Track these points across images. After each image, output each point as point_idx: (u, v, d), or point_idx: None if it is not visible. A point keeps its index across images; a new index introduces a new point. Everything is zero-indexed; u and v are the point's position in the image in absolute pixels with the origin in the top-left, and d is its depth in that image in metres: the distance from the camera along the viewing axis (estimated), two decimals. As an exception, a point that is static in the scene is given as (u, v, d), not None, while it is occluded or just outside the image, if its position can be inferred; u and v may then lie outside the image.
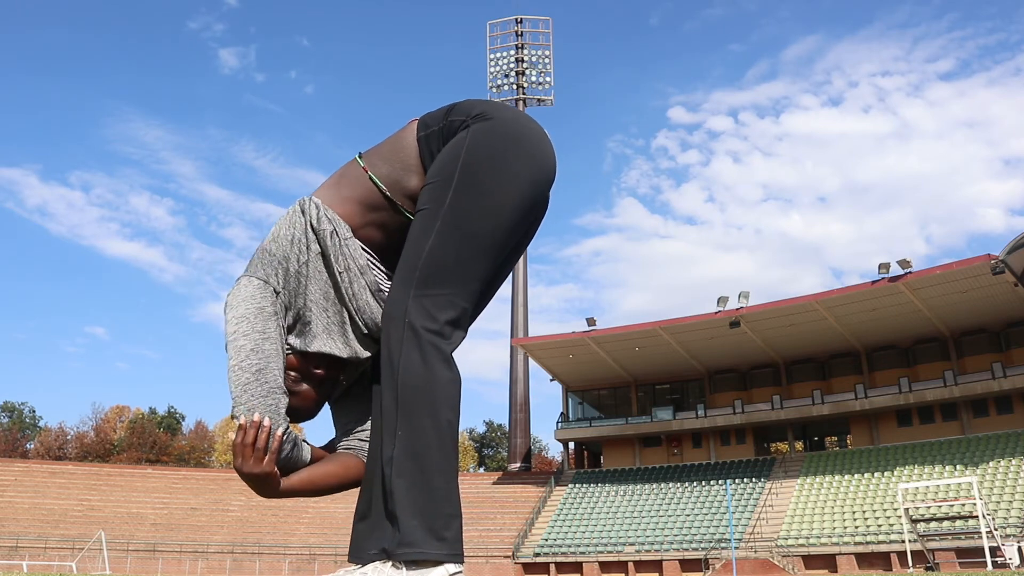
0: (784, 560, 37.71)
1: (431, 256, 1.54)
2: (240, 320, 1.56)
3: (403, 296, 1.53)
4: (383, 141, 1.75)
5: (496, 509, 48.77)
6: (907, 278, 40.16)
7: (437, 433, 1.48)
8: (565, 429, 53.82)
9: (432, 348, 1.49)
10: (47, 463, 58.06)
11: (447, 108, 1.69)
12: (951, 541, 34.38)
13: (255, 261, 1.64)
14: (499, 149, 1.60)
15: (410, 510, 1.44)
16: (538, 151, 1.65)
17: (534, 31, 67.12)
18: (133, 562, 44.39)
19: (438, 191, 1.57)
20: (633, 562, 42.00)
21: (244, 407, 1.53)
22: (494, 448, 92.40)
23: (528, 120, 1.69)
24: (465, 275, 1.55)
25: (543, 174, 1.66)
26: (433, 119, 1.69)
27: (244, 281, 1.61)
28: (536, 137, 1.66)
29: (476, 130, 1.61)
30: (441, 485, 1.46)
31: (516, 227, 1.62)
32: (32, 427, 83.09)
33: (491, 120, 1.62)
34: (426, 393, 1.48)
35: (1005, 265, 37.97)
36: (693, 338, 47.78)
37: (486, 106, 1.65)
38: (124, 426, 77.94)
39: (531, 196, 1.63)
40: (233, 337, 1.55)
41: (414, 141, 1.69)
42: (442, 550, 1.44)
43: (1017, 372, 40.93)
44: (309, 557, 45.38)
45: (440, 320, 1.51)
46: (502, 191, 1.58)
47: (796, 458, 47.15)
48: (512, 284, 60.78)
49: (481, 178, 1.57)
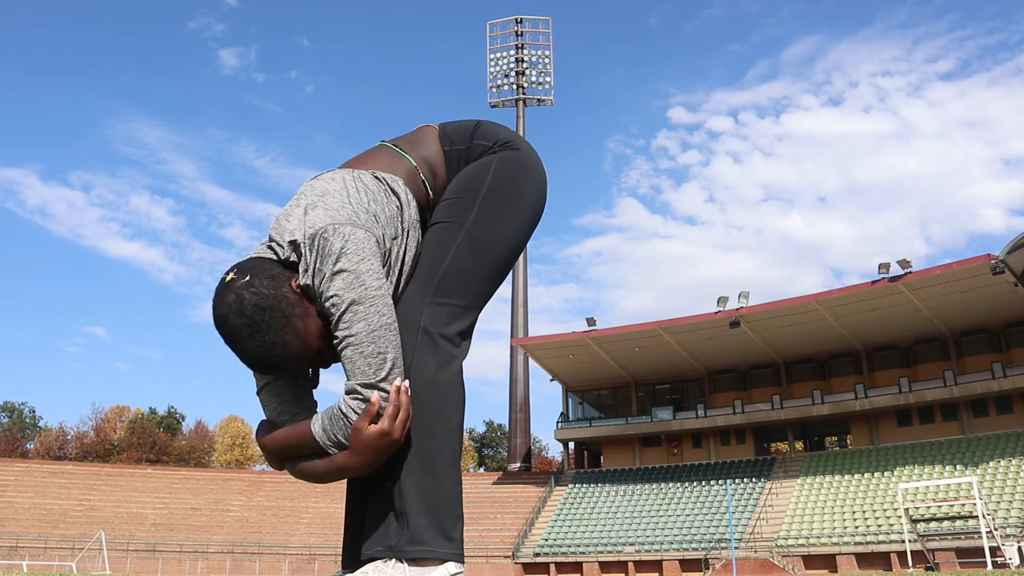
0: (784, 560, 37.72)
1: (452, 266, 1.60)
2: (381, 276, 1.49)
3: (420, 301, 1.57)
4: (407, 140, 1.79)
5: (496, 509, 48.77)
6: (907, 278, 40.17)
7: (447, 436, 1.52)
8: (565, 429, 53.83)
9: (444, 353, 1.54)
10: (47, 463, 58.05)
11: (472, 128, 1.80)
12: (951, 541, 34.39)
13: (353, 217, 1.54)
14: (519, 177, 1.74)
15: (420, 509, 1.46)
16: (542, 179, 1.82)
17: (534, 31, 67.16)
18: (133, 562, 44.40)
19: (463, 207, 1.67)
20: (633, 562, 42.01)
21: (399, 370, 1.47)
22: (494, 448, 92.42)
23: (535, 151, 1.84)
24: (478, 290, 1.64)
25: (542, 203, 1.82)
26: (459, 136, 1.78)
27: (363, 235, 1.50)
28: (541, 167, 1.83)
29: (504, 157, 1.74)
30: (449, 487, 1.50)
31: (521, 248, 1.76)
32: (32, 427, 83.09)
33: (518, 151, 1.77)
34: (437, 397, 1.52)
35: (1005, 265, 37.98)
36: (693, 338, 47.79)
37: (512, 136, 1.80)
38: (124, 426, 77.92)
39: (535, 220, 1.79)
40: (380, 292, 1.46)
41: (441, 152, 1.77)
42: (449, 549, 1.47)
43: (1017, 372, 40.94)
44: (309, 557, 45.38)
45: (452, 328, 1.57)
46: (517, 215, 1.72)
47: (796, 458, 47.16)
48: (512, 284, 60.80)
49: (503, 201, 1.69)
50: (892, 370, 45.91)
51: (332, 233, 1.47)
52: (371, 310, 1.44)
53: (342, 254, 1.45)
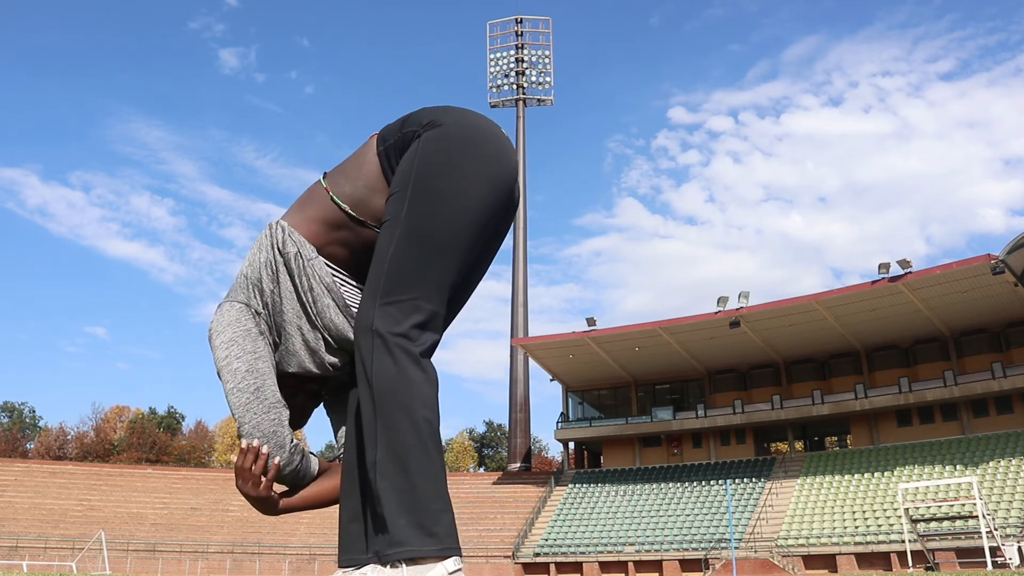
0: (784, 560, 37.72)
1: (393, 264, 1.56)
2: (230, 344, 1.61)
3: (370, 306, 1.56)
4: (347, 158, 1.78)
5: (496, 509, 48.76)
6: (907, 278, 40.17)
7: (415, 432, 1.48)
8: (565, 429, 53.82)
9: (400, 351, 1.51)
10: (47, 463, 58.05)
11: (402, 120, 1.72)
12: (951, 541, 34.39)
13: (235, 287, 1.69)
14: (451, 154, 1.61)
15: (396, 510, 1.45)
16: (493, 150, 1.65)
17: (534, 31, 67.18)
18: (133, 562, 44.39)
19: (397, 202, 1.61)
20: (633, 562, 42.00)
21: (248, 426, 1.59)
22: (494, 448, 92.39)
23: (482, 121, 1.69)
24: (428, 279, 1.57)
25: (501, 172, 1.65)
26: (390, 132, 1.71)
27: (226, 307, 1.65)
28: (490, 136, 1.67)
29: (427, 138, 1.63)
30: (425, 482, 1.46)
31: (480, 228, 1.63)
32: (32, 427, 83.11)
33: (441, 127, 1.64)
34: (400, 395, 1.49)
35: (1005, 265, 37.98)
36: (693, 338, 47.78)
37: (436, 113, 1.67)
38: (124, 426, 77.94)
39: (491, 195, 1.63)
40: (226, 361, 1.59)
41: (375, 156, 1.72)
42: (433, 546, 1.44)
43: (1017, 372, 40.94)
44: (309, 557, 45.37)
45: (405, 324, 1.53)
46: (458, 194, 1.60)
47: (796, 458, 47.15)
48: (512, 284, 60.83)
49: (436, 184, 1.59)
50: (892, 370, 45.91)
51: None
52: (224, 379, 1.60)
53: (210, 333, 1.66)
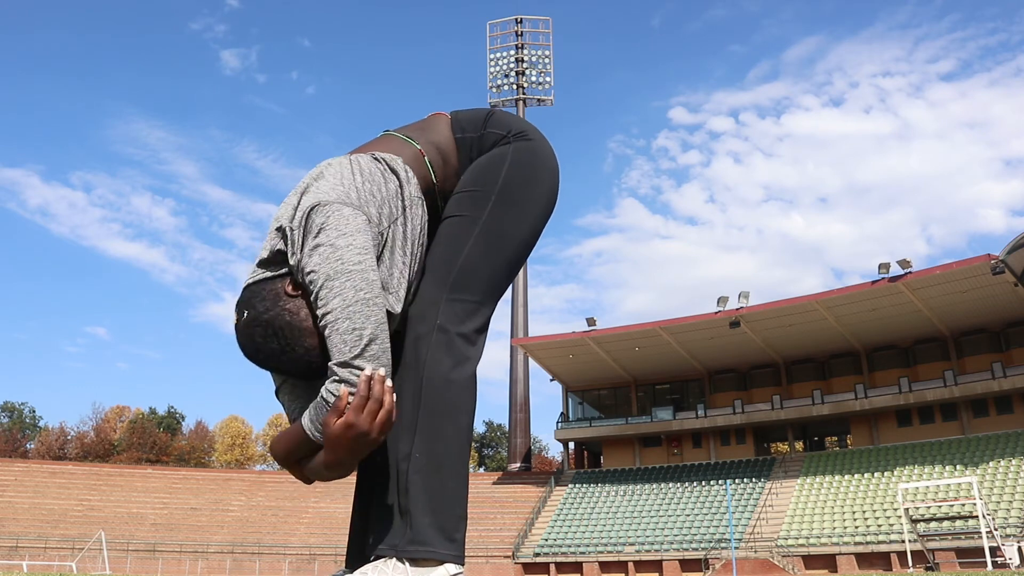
0: (784, 560, 37.72)
1: (468, 261, 1.56)
2: (364, 251, 1.40)
3: (436, 296, 1.54)
4: (416, 127, 1.74)
5: (496, 509, 48.75)
6: (907, 278, 40.18)
7: (456, 436, 1.48)
8: (565, 429, 53.82)
9: (459, 352, 1.51)
10: (47, 463, 58.04)
11: (484, 116, 1.73)
12: (951, 541, 34.38)
13: (348, 197, 1.49)
14: (536, 169, 1.69)
15: (424, 508, 1.44)
16: (555, 170, 1.75)
17: (534, 31, 67.12)
18: (133, 562, 44.39)
19: (479, 201, 1.61)
20: (633, 562, 42.00)
21: (378, 348, 1.37)
22: (494, 448, 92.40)
23: (547, 141, 1.77)
24: (493, 285, 1.59)
25: (556, 191, 1.76)
26: (471, 124, 1.72)
27: (349, 212, 1.44)
28: (554, 157, 1.76)
29: (519, 148, 1.68)
30: (454, 488, 1.47)
31: (535, 241, 1.69)
32: (32, 427, 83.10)
33: (532, 141, 1.70)
34: (449, 396, 1.48)
35: (1005, 265, 37.98)
36: (693, 338, 47.79)
37: (525, 125, 1.73)
38: (124, 426, 77.92)
39: (549, 212, 1.72)
40: (361, 267, 1.38)
41: (452, 139, 1.71)
42: (451, 551, 1.44)
43: (1017, 372, 40.93)
44: (309, 557, 45.37)
45: (468, 326, 1.53)
46: (532, 208, 1.66)
47: (796, 458, 47.15)
48: (512, 284, 60.65)
49: (519, 194, 1.64)
50: (892, 370, 45.91)
51: (317, 211, 1.43)
52: (347, 284, 1.36)
53: (322, 229, 1.40)
